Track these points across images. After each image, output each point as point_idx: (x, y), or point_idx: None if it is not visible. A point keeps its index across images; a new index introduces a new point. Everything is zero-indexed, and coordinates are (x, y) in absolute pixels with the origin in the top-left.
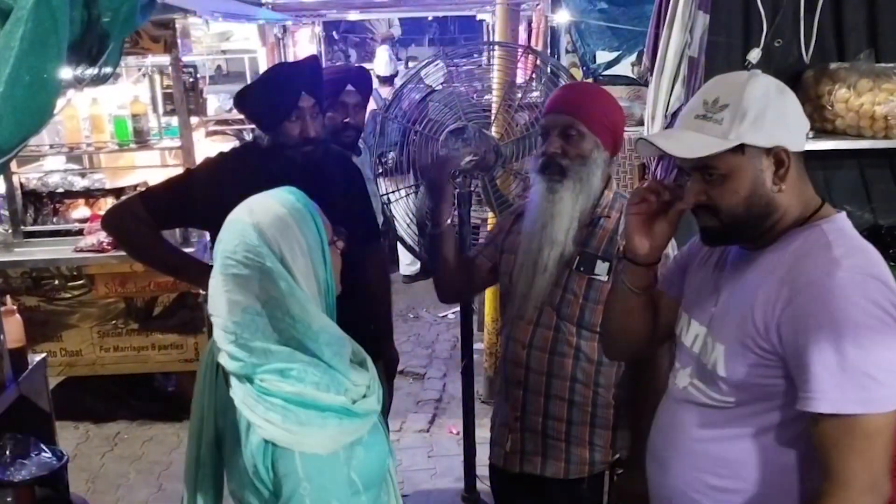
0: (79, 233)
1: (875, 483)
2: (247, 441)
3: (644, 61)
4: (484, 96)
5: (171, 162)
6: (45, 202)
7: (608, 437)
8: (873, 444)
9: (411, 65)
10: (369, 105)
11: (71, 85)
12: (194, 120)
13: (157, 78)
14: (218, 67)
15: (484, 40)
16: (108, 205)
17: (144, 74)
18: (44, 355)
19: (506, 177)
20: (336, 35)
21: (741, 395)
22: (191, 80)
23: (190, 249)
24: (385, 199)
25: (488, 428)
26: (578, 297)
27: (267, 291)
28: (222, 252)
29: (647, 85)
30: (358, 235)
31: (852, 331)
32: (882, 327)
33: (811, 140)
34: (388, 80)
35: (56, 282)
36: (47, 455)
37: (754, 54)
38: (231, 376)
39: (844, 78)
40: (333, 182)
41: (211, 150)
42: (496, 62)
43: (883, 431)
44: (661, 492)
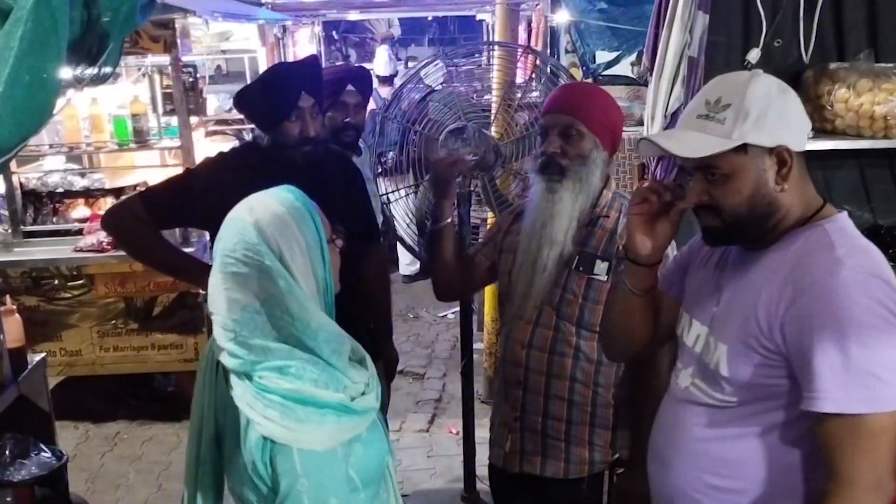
0: (78, 232)
1: (880, 482)
2: (246, 438)
3: (644, 61)
4: (483, 96)
5: (170, 162)
6: (45, 202)
7: (608, 437)
8: (878, 444)
9: (411, 65)
10: (369, 105)
11: (70, 85)
12: (194, 120)
13: (157, 78)
14: (218, 67)
15: (483, 40)
16: (108, 205)
17: (144, 74)
18: (43, 355)
19: (505, 177)
20: (336, 35)
21: (744, 394)
22: (190, 79)
23: (190, 249)
24: (385, 199)
25: (488, 428)
26: (578, 296)
27: (266, 289)
28: (222, 250)
29: (646, 85)
30: (357, 235)
31: (856, 330)
32: (886, 326)
33: (810, 140)
34: (387, 80)
35: (56, 281)
36: (47, 455)
37: (754, 54)
38: (230, 374)
39: (844, 78)
40: (333, 182)
41: (211, 150)
42: (496, 62)
43: (887, 431)
44: (663, 492)
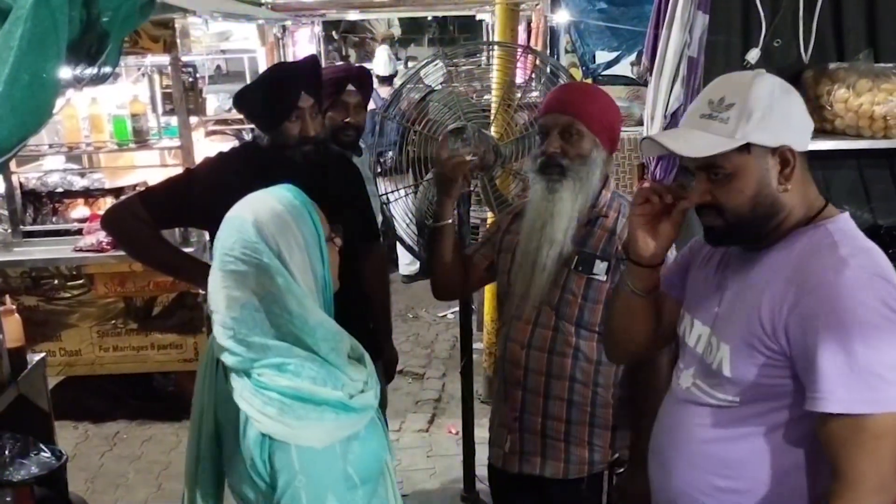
0: (78, 232)
1: (884, 483)
2: (244, 435)
3: (643, 61)
4: (483, 96)
5: (170, 162)
6: (45, 202)
7: (607, 437)
8: (882, 444)
9: (411, 65)
10: (369, 105)
11: (70, 84)
12: (193, 120)
13: (157, 78)
14: (217, 67)
15: (483, 40)
16: (108, 204)
17: (144, 74)
18: (43, 355)
19: (505, 177)
20: (335, 35)
21: (746, 395)
22: (190, 79)
23: (190, 249)
24: (384, 199)
25: (487, 428)
26: (577, 296)
27: (264, 287)
28: (221, 248)
29: (646, 85)
30: (357, 235)
31: (860, 330)
32: (890, 326)
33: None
34: (387, 80)
35: (55, 281)
36: (46, 455)
37: (753, 54)
38: (230, 371)
39: (843, 78)
40: (333, 182)
41: (210, 150)
42: (495, 62)
43: (892, 431)
44: (664, 492)
